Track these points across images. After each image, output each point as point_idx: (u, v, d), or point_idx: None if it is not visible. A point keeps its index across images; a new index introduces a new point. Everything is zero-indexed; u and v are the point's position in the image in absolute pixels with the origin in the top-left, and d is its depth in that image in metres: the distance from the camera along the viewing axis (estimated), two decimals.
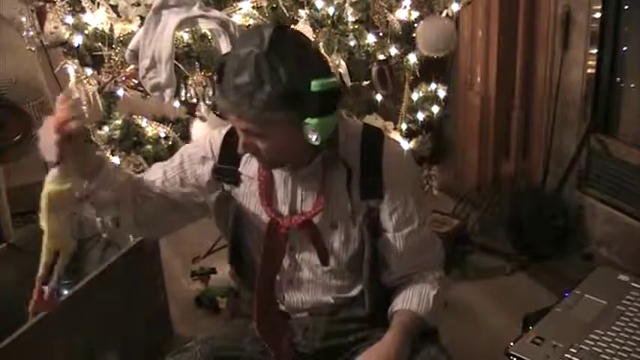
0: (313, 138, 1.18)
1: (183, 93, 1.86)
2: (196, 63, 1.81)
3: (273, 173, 1.34)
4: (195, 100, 1.87)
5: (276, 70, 1.13)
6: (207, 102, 1.85)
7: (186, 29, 1.78)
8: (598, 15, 2.52)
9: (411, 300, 1.31)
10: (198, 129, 1.90)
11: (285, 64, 1.13)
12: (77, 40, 1.90)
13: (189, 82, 1.84)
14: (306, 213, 1.31)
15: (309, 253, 1.35)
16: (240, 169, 1.36)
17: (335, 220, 1.32)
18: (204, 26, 1.78)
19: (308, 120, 1.17)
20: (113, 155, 2.11)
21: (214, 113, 1.83)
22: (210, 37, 1.82)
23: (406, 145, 2.31)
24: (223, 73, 1.18)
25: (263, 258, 1.34)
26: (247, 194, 1.37)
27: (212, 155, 1.38)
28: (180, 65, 1.80)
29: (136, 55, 1.77)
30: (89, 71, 1.99)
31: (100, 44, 1.86)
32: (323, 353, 1.39)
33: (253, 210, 1.36)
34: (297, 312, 1.41)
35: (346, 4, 1.96)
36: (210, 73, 1.84)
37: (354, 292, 1.39)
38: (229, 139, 1.35)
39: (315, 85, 1.15)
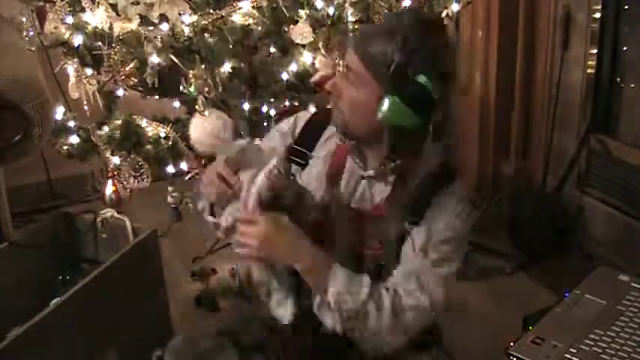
0: (380, 110, 1.19)
1: (183, 87, 1.85)
2: (197, 57, 1.81)
3: (346, 161, 1.35)
4: (195, 94, 1.85)
5: (408, 41, 1.18)
6: (206, 96, 1.84)
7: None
8: (598, 15, 2.52)
9: (363, 279, 1.25)
10: (197, 125, 1.88)
11: (418, 44, 1.18)
12: (77, 39, 1.90)
13: (190, 76, 1.83)
14: (366, 210, 1.32)
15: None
16: (312, 153, 1.38)
17: (376, 231, 1.31)
18: None
19: (389, 95, 1.19)
20: (113, 155, 2.11)
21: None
22: (209, 33, 1.81)
23: None
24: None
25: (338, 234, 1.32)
26: (312, 175, 1.38)
27: (293, 133, 1.42)
28: (178, 63, 1.80)
29: None
30: (89, 71, 1.99)
31: (99, 43, 1.86)
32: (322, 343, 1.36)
33: (313, 191, 1.36)
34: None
35: (346, 4, 1.96)
36: (210, 67, 1.84)
37: None
38: (313, 122, 1.39)
39: (422, 78, 1.18)
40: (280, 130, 1.44)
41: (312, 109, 1.42)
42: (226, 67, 1.91)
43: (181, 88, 1.83)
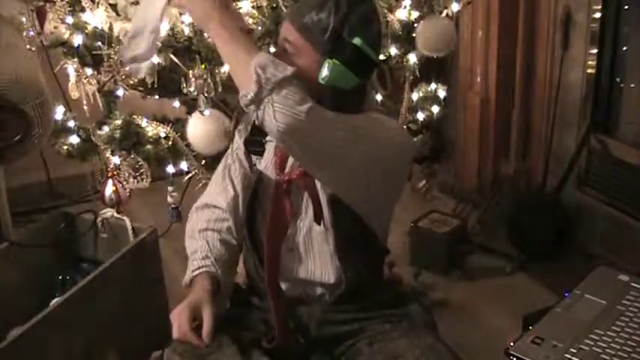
0: (322, 74, 1.26)
1: (183, 87, 1.85)
2: (197, 57, 1.81)
3: None
4: (195, 93, 1.86)
5: (340, 5, 1.26)
6: (206, 95, 1.84)
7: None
8: (598, 15, 2.52)
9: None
10: (196, 124, 1.88)
11: (350, 9, 1.26)
12: (77, 39, 1.90)
13: (190, 75, 1.83)
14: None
15: (308, 220, 1.39)
16: (267, 138, 1.42)
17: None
18: None
19: (328, 59, 1.26)
20: (113, 155, 2.11)
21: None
22: None
23: None
24: None
25: (271, 218, 1.37)
26: (266, 160, 1.43)
27: (245, 126, 1.49)
28: (178, 63, 1.80)
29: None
30: (89, 71, 1.99)
31: (99, 43, 1.86)
32: (319, 343, 1.39)
33: (270, 177, 1.41)
34: (292, 286, 1.42)
35: None
36: (210, 67, 1.84)
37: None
38: None
39: (358, 40, 1.26)
40: (238, 130, 1.52)
41: None
42: (226, 67, 1.91)
43: (182, 88, 1.83)
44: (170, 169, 2.08)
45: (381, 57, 2.07)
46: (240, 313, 1.46)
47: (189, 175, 2.05)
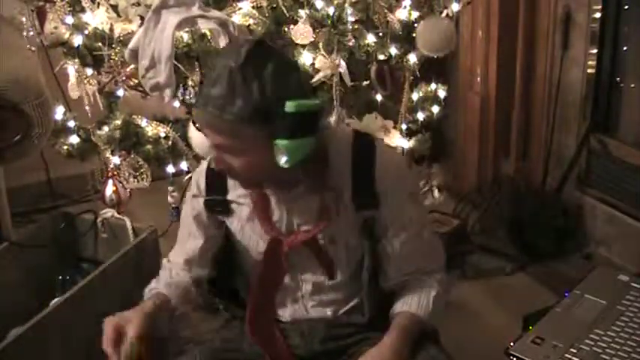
0: (282, 160, 1.15)
1: (180, 93, 1.86)
2: (196, 63, 1.81)
3: (268, 195, 1.31)
4: (194, 101, 1.86)
5: (249, 84, 1.11)
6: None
7: (186, 29, 1.79)
8: (598, 15, 2.52)
9: (410, 302, 1.30)
10: (195, 130, 1.89)
11: (259, 80, 1.12)
12: (77, 40, 1.90)
13: (189, 82, 1.84)
14: (308, 231, 1.30)
15: (310, 269, 1.35)
16: (228, 197, 1.35)
17: (333, 235, 1.31)
18: (204, 26, 1.78)
19: (278, 141, 1.14)
20: (113, 155, 2.11)
21: (194, 126, 1.83)
22: (209, 37, 1.82)
23: (405, 144, 2.31)
24: (202, 86, 1.17)
25: (261, 278, 1.34)
26: (240, 219, 1.36)
27: (199, 191, 1.38)
28: (180, 65, 1.80)
29: (135, 54, 1.78)
30: (89, 71, 2.00)
31: (100, 44, 1.86)
32: (322, 356, 1.38)
33: (250, 234, 1.36)
34: (297, 319, 1.41)
35: (346, 4, 1.96)
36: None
37: (355, 301, 1.39)
38: (212, 170, 1.34)
39: (289, 105, 1.12)
40: (190, 196, 1.41)
41: (204, 162, 1.42)
42: None
43: (179, 95, 1.84)
44: (170, 169, 2.08)
45: (381, 57, 2.08)
46: (233, 335, 1.42)
47: (189, 175, 2.05)
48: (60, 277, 2.09)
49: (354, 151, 1.29)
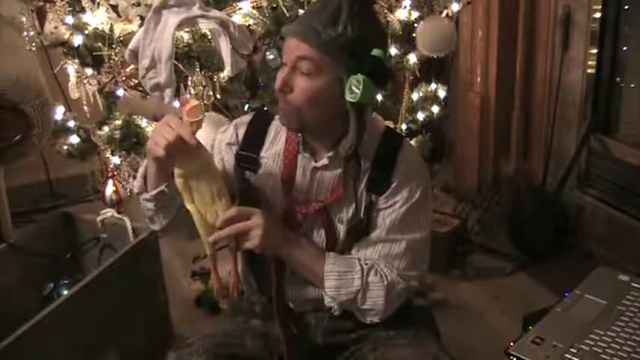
0: (351, 92, 1.20)
1: (182, 92, 1.86)
2: (196, 63, 1.81)
3: (297, 160, 1.34)
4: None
5: (352, 19, 1.20)
6: (206, 102, 1.85)
7: (186, 29, 1.79)
8: (598, 15, 2.52)
9: (350, 263, 1.30)
10: None
11: (361, 19, 1.21)
12: (77, 40, 1.90)
13: (189, 82, 1.84)
14: (323, 200, 1.32)
15: (316, 242, 1.36)
16: (261, 154, 1.37)
17: (342, 210, 1.32)
18: (205, 26, 1.78)
19: (357, 75, 1.20)
20: (113, 155, 2.11)
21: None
22: (210, 37, 1.82)
23: None
24: (309, 6, 1.25)
25: None
26: (265, 177, 1.37)
27: (236, 141, 1.40)
28: (180, 65, 1.80)
29: (135, 54, 1.78)
30: (89, 71, 2.00)
31: (100, 44, 1.86)
32: (324, 351, 1.39)
33: (269, 194, 1.36)
34: (299, 306, 1.41)
35: None
36: (210, 73, 1.84)
37: None
38: (255, 124, 1.38)
39: (376, 51, 1.21)
40: (224, 141, 1.41)
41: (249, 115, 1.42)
42: (225, 72, 1.91)
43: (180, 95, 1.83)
44: None
45: None
46: (236, 330, 1.42)
47: None
48: (59, 278, 2.09)
49: (382, 140, 1.34)
